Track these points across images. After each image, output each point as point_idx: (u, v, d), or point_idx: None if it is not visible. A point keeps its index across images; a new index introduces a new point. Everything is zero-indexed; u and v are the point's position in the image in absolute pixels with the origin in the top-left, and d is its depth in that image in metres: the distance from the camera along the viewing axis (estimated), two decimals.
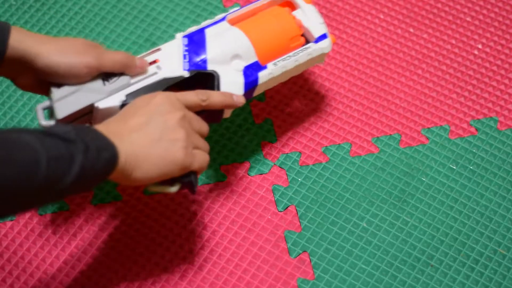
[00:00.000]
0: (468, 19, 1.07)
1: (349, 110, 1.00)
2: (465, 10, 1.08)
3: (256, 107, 1.00)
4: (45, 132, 0.67)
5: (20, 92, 1.00)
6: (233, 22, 0.89)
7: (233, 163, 0.96)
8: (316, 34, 0.89)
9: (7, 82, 1.01)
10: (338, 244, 0.92)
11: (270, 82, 0.88)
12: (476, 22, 1.07)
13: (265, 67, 0.86)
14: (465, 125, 0.99)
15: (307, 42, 0.89)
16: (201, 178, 0.95)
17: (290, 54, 0.87)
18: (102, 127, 0.72)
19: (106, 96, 0.79)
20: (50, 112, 0.80)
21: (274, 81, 0.88)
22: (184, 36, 0.85)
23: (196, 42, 0.85)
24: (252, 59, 0.86)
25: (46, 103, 0.79)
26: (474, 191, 0.95)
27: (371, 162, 0.97)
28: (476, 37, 1.06)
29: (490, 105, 1.01)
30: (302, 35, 0.89)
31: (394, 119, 1.00)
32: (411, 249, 0.92)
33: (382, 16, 1.07)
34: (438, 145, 0.98)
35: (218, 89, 0.83)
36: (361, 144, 0.98)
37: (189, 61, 0.83)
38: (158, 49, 0.84)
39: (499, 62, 1.04)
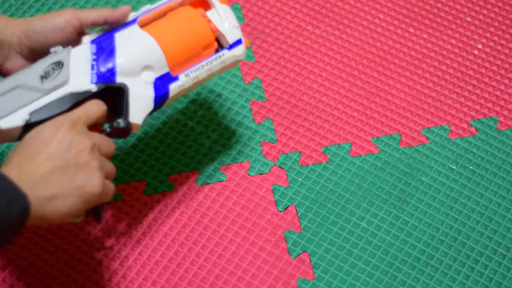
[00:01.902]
0: (468, 19, 1.07)
1: (349, 110, 1.00)
2: (465, 10, 1.08)
3: (256, 107, 1.00)
4: None
5: None
6: (144, 24, 0.82)
7: (233, 163, 0.96)
8: (231, 39, 0.83)
9: None
10: (338, 244, 0.92)
11: (181, 92, 0.82)
12: (476, 22, 1.07)
13: (176, 78, 0.80)
14: (465, 125, 0.99)
15: (220, 45, 0.84)
16: (201, 178, 0.95)
17: (203, 63, 0.82)
18: (12, 172, 0.69)
19: (44, 94, 0.75)
20: None
21: (184, 91, 0.82)
22: (92, 42, 0.78)
23: (104, 50, 0.78)
24: (164, 69, 0.80)
25: None
26: (474, 191, 0.95)
27: (371, 162, 0.97)
28: (476, 37, 1.06)
29: (490, 105, 1.01)
30: (216, 38, 0.84)
31: (394, 119, 1.00)
32: (411, 249, 0.92)
33: (382, 16, 1.07)
34: (438, 145, 0.98)
35: (127, 104, 0.77)
36: (361, 144, 0.98)
37: (97, 72, 0.77)
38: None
39: (499, 62, 1.04)
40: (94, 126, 0.76)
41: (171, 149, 0.97)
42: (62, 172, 0.70)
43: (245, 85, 1.01)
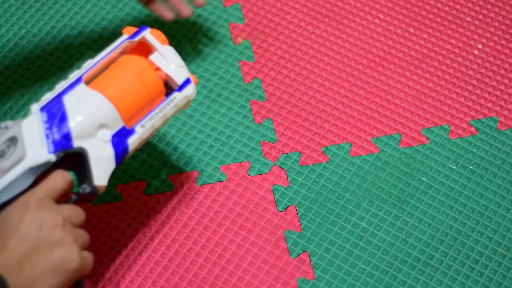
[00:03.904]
0: (468, 19, 1.07)
1: (349, 110, 1.00)
2: (465, 10, 1.08)
3: (256, 107, 1.00)
4: None
5: (19, 92, 1.00)
6: (89, 80, 0.79)
7: (233, 163, 0.96)
8: (179, 80, 0.81)
9: (6, 82, 1.01)
10: (338, 244, 0.92)
11: (140, 144, 0.80)
12: (476, 22, 1.07)
13: (133, 131, 0.78)
14: (465, 125, 0.99)
15: (169, 88, 0.82)
16: (201, 178, 0.95)
17: (157, 110, 0.80)
18: None
19: (3, 174, 0.72)
20: None
21: (143, 141, 0.81)
22: (41, 109, 0.75)
23: (55, 116, 0.75)
24: (118, 124, 0.77)
25: None
26: (474, 191, 0.95)
27: (371, 162, 0.97)
28: (476, 37, 1.06)
29: (490, 105, 1.01)
30: (164, 83, 0.82)
31: (394, 119, 1.00)
32: (411, 249, 0.92)
33: (382, 16, 1.07)
34: (438, 145, 0.98)
35: (89, 167, 0.75)
36: (361, 144, 0.98)
37: (53, 140, 0.74)
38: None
39: (499, 62, 1.04)
40: (63, 195, 0.74)
41: (171, 148, 0.97)
42: (37, 253, 0.68)
43: (245, 85, 1.01)
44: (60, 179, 0.73)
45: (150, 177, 0.95)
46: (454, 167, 0.97)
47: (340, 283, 0.89)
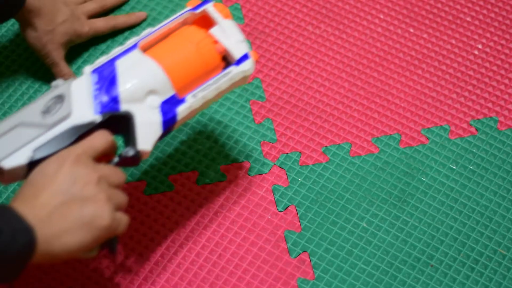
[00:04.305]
0: (468, 19, 1.07)
1: (349, 110, 1.00)
2: (465, 10, 1.08)
3: (256, 107, 1.00)
4: None
5: (20, 92, 1.00)
6: (146, 48, 0.80)
7: (233, 163, 0.96)
8: (237, 55, 0.81)
9: (7, 82, 1.01)
10: (338, 244, 0.92)
11: (190, 114, 0.80)
12: (476, 22, 1.07)
13: (183, 101, 0.78)
14: (465, 125, 1.00)
15: (227, 63, 0.82)
16: (201, 178, 0.95)
17: (210, 82, 0.79)
18: (18, 205, 0.68)
19: (46, 130, 0.73)
20: None
21: (194, 112, 0.80)
22: (93, 71, 0.77)
23: (106, 79, 0.76)
24: (169, 92, 0.78)
25: None
26: (474, 191, 0.95)
27: (371, 162, 0.97)
28: (476, 37, 1.06)
29: (490, 105, 1.01)
30: (223, 57, 0.81)
31: (394, 119, 1.00)
32: (411, 249, 0.92)
33: (382, 16, 1.07)
34: (438, 145, 0.98)
35: (135, 131, 0.75)
36: (361, 144, 0.98)
37: (100, 102, 0.75)
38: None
39: (499, 62, 1.04)
40: (105, 156, 0.75)
41: (171, 149, 0.97)
42: (68, 207, 0.69)
43: (245, 85, 1.01)
44: (101, 138, 0.74)
45: (150, 177, 0.95)
46: (454, 167, 0.97)
47: (340, 283, 0.89)
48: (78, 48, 1.03)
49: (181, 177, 0.95)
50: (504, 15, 1.07)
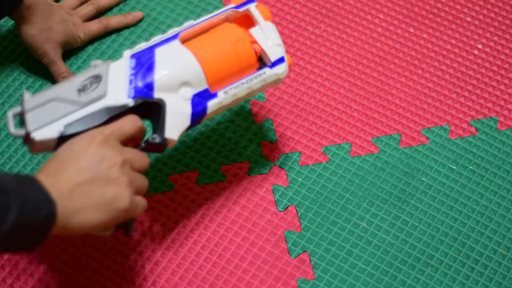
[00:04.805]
0: (468, 19, 1.07)
1: (349, 110, 1.00)
2: (465, 10, 1.08)
3: (256, 107, 1.00)
4: None
5: (20, 92, 1.00)
6: (185, 39, 0.82)
7: (233, 163, 0.96)
8: (273, 57, 0.82)
9: (6, 82, 1.01)
10: (338, 244, 0.92)
11: (219, 109, 0.82)
12: (476, 22, 1.07)
13: (215, 95, 0.80)
14: (465, 125, 1.00)
15: (262, 63, 0.83)
16: (201, 178, 0.95)
17: (243, 80, 0.81)
18: (43, 178, 0.69)
19: (80, 108, 0.75)
20: (21, 119, 0.75)
21: (223, 108, 0.82)
22: (132, 56, 0.78)
23: (144, 65, 0.78)
24: (202, 86, 0.79)
25: (17, 109, 0.75)
26: (474, 191, 0.95)
27: (371, 162, 0.97)
28: (476, 37, 1.06)
29: (490, 105, 1.01)
30: (258, 57, 0.83)
31: (394, 119, 1.00)
32: (411, 249, 0.92)
33: (382, 16, 1.07)
34: (438, 145, 0.98)
35: (164, 119, 0.77)
36: (361, 144, 0.98)
37: (135, 87, 0.77)
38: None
39: (499, 62, 1.04)
40: (132, 140, 0.76)
41: (171, 149, 0.97)
42: (91, 186, 0.70)
43: None
44: (130, 123, 0.75)
45: (150, 177, 0.95)
46: (454, 167, 0.97)
47: (340, 283, 0.89)
48: (78, 48, 1.03)
49: (181, 177, 0.95)
50: (504, 15, 1.07)
